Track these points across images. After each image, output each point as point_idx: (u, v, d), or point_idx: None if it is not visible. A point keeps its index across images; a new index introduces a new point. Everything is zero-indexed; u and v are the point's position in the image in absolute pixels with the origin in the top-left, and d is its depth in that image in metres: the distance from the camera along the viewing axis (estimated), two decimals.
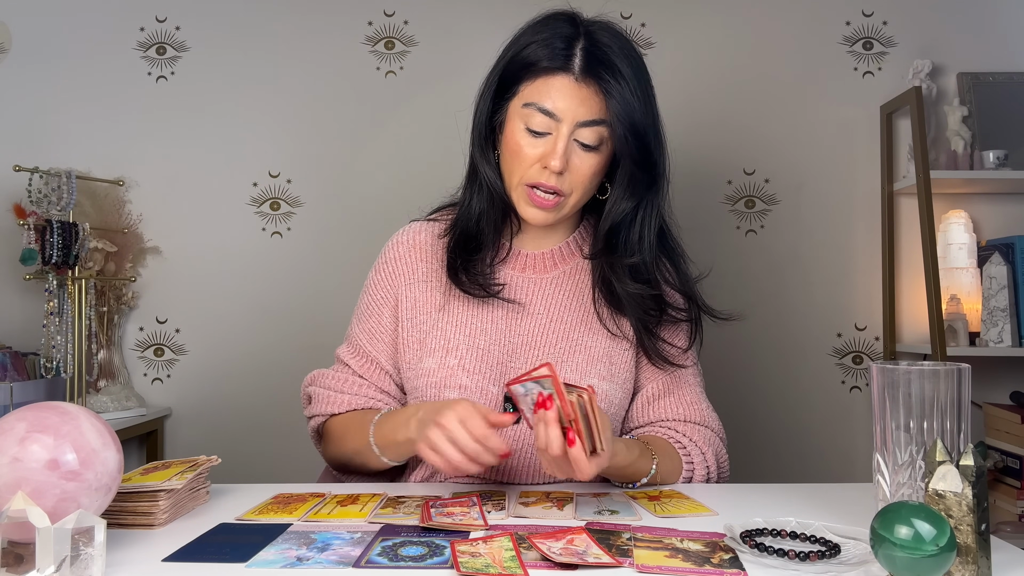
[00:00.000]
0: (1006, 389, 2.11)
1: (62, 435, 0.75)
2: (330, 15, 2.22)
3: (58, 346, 1.93)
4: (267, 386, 2.17)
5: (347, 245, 2.18)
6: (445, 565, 0.74)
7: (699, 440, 1.15)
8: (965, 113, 2.12)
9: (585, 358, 1.16)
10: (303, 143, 2.22)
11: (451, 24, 2.22)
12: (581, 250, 1.23)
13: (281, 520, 0.90)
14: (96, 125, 2.21)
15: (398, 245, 1.24)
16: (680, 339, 1.21)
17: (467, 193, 1.19)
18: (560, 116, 1.08)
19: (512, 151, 1.11)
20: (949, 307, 2.04)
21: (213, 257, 2.21)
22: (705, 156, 2.19)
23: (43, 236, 1.90)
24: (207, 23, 2.23)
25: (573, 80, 1.08)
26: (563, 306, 1.19)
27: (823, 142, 2.21)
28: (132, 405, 2.07)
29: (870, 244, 2.19)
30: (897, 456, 0.81)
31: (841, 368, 2.20)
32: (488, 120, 1.15)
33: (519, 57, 1.11)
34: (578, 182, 1.11)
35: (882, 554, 0.67)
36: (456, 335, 1.15)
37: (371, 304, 1.23)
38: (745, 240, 2.21)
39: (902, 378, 0.81)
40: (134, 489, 0.89)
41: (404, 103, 2.22)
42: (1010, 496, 1.97)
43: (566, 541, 0.79)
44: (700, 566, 0.73)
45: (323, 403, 1.20)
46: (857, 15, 2.22)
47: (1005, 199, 2.19)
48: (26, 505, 0.66)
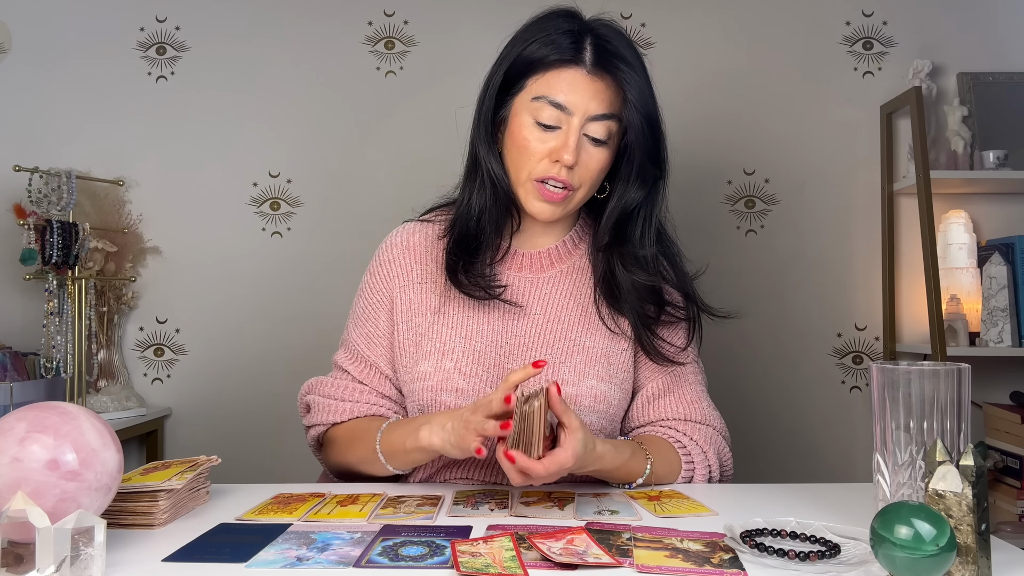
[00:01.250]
0: (1006, 389, 2.11)
1: (62, 435, 0.75)
2: (330, 15, 2.22)
3: (58, 346, 1.93)
4: (267, 386, 2.17)
5: (347, 245, 2.18)
6: (445, 565, 0.74)
7: (700, 439, 1.15)
8: (965, 113, 2.12)
9: (583, 358, 1.15)
10: (303, 143, 2.22)
11: (451, 24, 2.22)
12: (578, 248, 1.23)
13: (281, 520, 0.90)
14: (96, 125, 2.21)
15: (392, 247, 1.23)
16: (679, 338, 1.21)
17: (466, 191, 1.18)
18: (571, 109, 1.08)
19: (520, 146, 1.11)
20: (949, 307, 2.04)
21: (213, 257, 2.21)
22: (705, 156, 2.19)
23: (43, 236, 1.90)
24: (207, 23, 2.23)
25: (585, 73, 1.08)
26: (561, 306, 1.19)
27: (823, 142, 2.21)
28: (132, 405, 2.07)
29: (870, 244, 2.19)
30: (897, 456, 0.81)
31: (841, 368, 2.20)
32: (492, 117, 1.15)
33: (526, 51, 1.10)
34: (586, 177, 1.11)
35: (882, 554, 0.67)
36: (452, 337, 1.15)
37: (367, 308, 1.21)
38: (745, 240, 2.21)
39: (902, 378, 0.81)
40: (134, 489, 0.89)
41: (404, 103, 2.21)
42: (1010, 496, 1.97)
43: (566, 541, 0.79)
44: (700, 566, 0.73)
45: (324, 412, 1.18)
46: (857, 15, 2.22)
47: (1005, 199, 2.19)
48: (26, 505, 0.66)
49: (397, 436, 1.06)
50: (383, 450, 1.07)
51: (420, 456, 1.05)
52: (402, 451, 1.05)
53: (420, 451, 1.03)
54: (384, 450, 1.07)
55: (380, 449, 1.08)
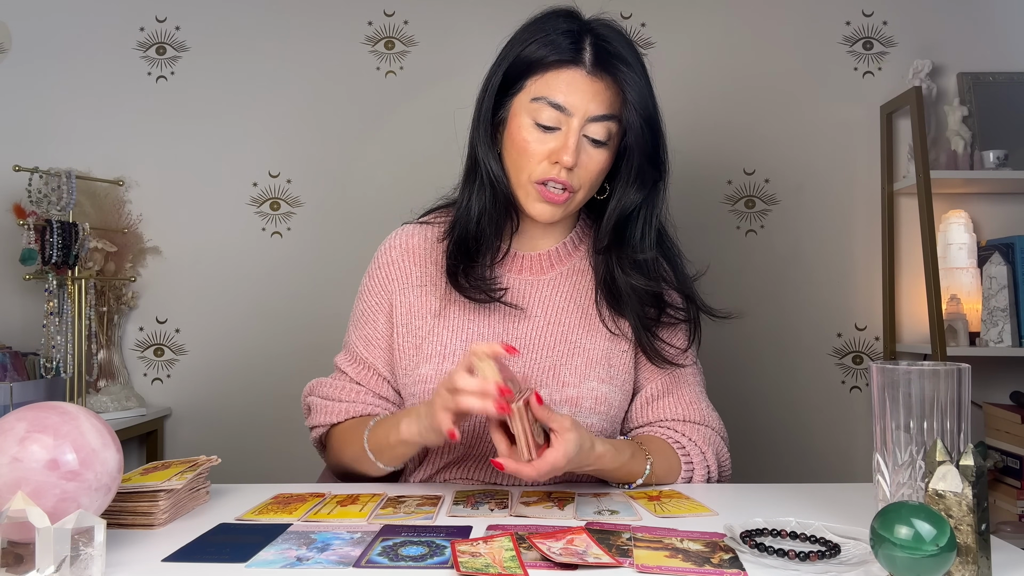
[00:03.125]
0: (1006, 389, 2.11)
1: (62, 435, 0.75)
2: (330, 15, 2.22)
3: (58, 346, 1.93)
4: (267, 386, 2.17)
5: (347, 245, 2.18)
6: (445, 565, 0.74)
7: (699, 440, 1.15)
8: (965, 113, 2.12)
9: (584, 360, 1.15)
10: (303, 143, 2.22)
11: (451, 24, 2.22)
12: (578, 250, 1.23)
13: (281, 520, 0.90)
14: (96, 125, 2.21)
15: (391, 249, 1.22)
16: (679, 339, 1.21)
17: (465, 192, 1.17)
18: (571, 110, 1.08)
19: (519, 147, 1.10)
20: (949, 307, 2.04)
21: (213, 257, 2.21)
22: (705, 156, 2.19)
23: (43, 236, 1.90)
24: (207, 23, 2.23)
25: (585, 73, 1.08)
26: (561, 308, 1.19)
27: (823, 142, 2.21)
28: (132, 405, 2.07)
29: (870, 244, 2.19)
30: (897, 456, 0.81)
31: (841, 368, 2.20)
32: (491, 117, 1.14)
33: (525, 51, 1.10)
34: (586, 178, 1.11)
35: (882, 554, 0.67)
36: (453, 340, 1.15)
37: (365, 310, 1.21)
38: (745, 240, 2.21)
39: (902, 378, 0.81)
40: (134, 489, 0.89)
41: (404, 103, 2.21)
42: (1010, 496, 1.97)
43: (566, 541, 0.79)
44: (700, 566, 0.73)
45: (322, 413, 1.19)
46: (857, 15, 2.22)
47: (1005, 199, 2.19)
48: (26, 505, 0.66)
49: (382, 431, 1.07)
50: (371, 447, 1.08)
51: (405, 450, 1.05)
52: (387, 446, 1.06)
53: (403, 444, 1.03)
54: (372, 447, 1.08)
55: (368, 447, 1.08)
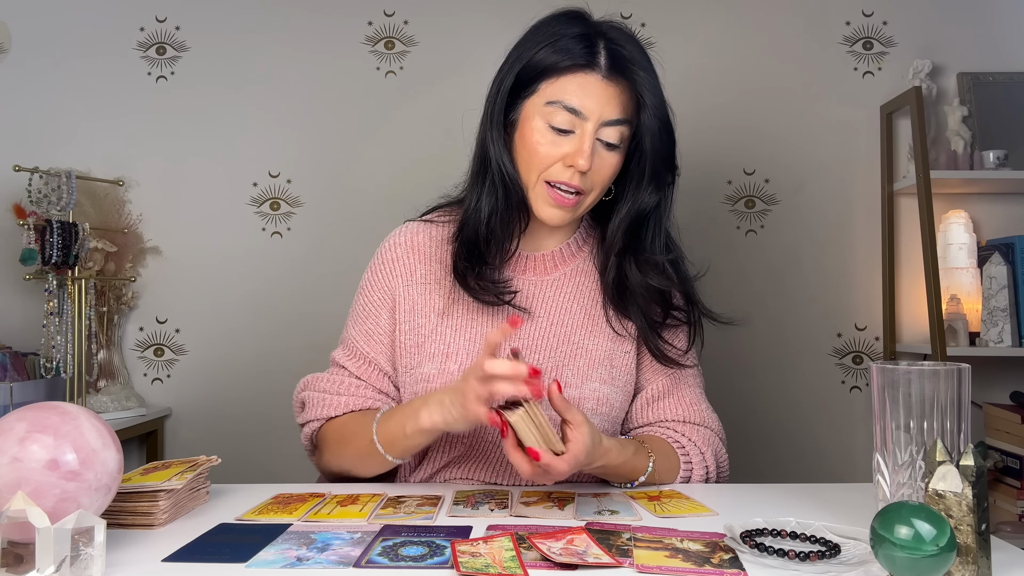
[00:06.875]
0: (1006, 389, 2.11)
1: (62, 435, 0.75)
2: (330, 15, 2.22)
3: (58, 346, 1.93)
4: (267, 386, 2.16)
5: (347, 245, 2.18)
6: (445, 565, 0.74)
7: (698, 440, 1.15)
8: (965, 113, 2.12)
9: (586, 361, 1.15)
10: (303, 143, 2.22)
11: (451, 24, 2.22)
12: (581, 251, 1.23)
13: (281, 520, 0.90)
14: (96, 125, 2.21)
15: (395, 246, 1.22)
16: (680, 340, 1.21)
17: (474, 193, 1.15)
18: (586, 114, 1.07)
19: (531, 150, 1.10)
20: (949, 307, 2.04)
21: (213, 257, 2.21)
22: (705, 156, 2.19)
23: (43, 236, 1.90)
24: (207, 23, 2.23)
25: (600, 78, 1.08)
26: (564, 309, 1.19)
27: (823, 142, 2.21)
28: (132, 405, 2.07)
29: (870, 244, 2.19)
30: (897, 456, 0.81)
31: (841, 368, 2.20)
32: (503, 118, 1.13)
33: (538, 55, 1.09)
34: (598, 181, 1.11)
35: (882, 554, 0.67)
36: (457, 340, 1.14)
37: (367, 305, 1.20)
38: (745, 240, 2.21)
39: (902, 378, 0.81)
40: (134, 489, 0.89)
41: (404, 103, 2.21)
42: (1010, 496, 1.97)
43: (566, 541, 0.79)
44: (700, 566, 0.73)
45: (318, 407, 1.16)
46: (857, 15, 2.22)
47: (1005, 199, 2.19)
48: (26, 505, 0.66)
49: (395, 422, 1.04)
50: (380, 439, 1.05)
51: (422, 439, 1.04)
52: (402, 436, 1.03)
53: (422, 433, 1.02)
54: (382, 439, 1.05)
55: (377, 439, 1.05)
